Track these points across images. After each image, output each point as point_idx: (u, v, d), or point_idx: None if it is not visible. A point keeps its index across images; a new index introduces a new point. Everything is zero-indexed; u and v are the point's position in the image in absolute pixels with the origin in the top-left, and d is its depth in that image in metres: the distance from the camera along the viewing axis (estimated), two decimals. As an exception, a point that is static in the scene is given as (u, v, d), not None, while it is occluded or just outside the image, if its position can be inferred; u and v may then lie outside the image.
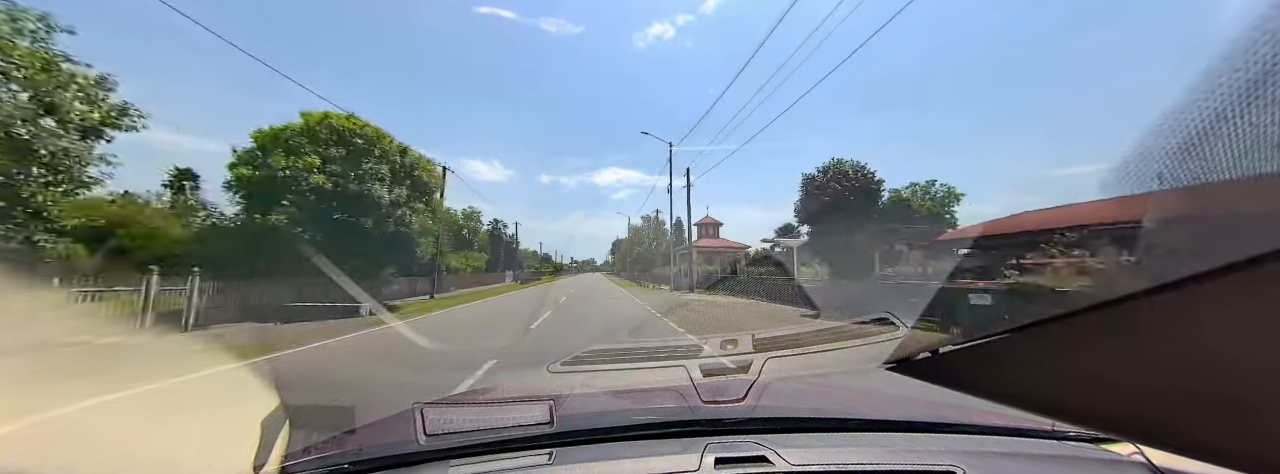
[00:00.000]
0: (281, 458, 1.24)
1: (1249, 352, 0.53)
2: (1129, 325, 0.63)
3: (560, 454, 1.18)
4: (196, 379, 5.88)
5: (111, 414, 4.03)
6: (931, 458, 1.11)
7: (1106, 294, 0.62)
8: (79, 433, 2.74)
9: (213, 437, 1.47)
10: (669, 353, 2.63)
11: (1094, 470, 1.13)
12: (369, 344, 9.37)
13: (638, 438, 1.30)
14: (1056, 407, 0.84)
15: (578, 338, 9.30)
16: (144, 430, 2.29)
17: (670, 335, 9.91)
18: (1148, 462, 1.10)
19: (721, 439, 1.24)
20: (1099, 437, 1.27)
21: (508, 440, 1.22)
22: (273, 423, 1.36)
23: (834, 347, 2.57)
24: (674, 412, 1.48)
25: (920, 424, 1.40)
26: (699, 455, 1.11)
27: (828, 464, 1.08)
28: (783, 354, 2.29)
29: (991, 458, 1.14)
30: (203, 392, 5.48)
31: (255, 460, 1.18)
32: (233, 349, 8.55)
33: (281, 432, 1.35)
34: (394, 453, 1.22)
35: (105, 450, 1.56)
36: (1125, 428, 0.80)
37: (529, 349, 8.11)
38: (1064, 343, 0.73)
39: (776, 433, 1.31)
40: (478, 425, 1.23)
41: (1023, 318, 0.77)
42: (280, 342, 9.28)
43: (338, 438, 1.42)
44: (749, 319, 12.92)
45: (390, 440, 1.35)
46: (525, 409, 1.28)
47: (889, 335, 2.48)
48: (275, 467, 1.19)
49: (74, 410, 4.09)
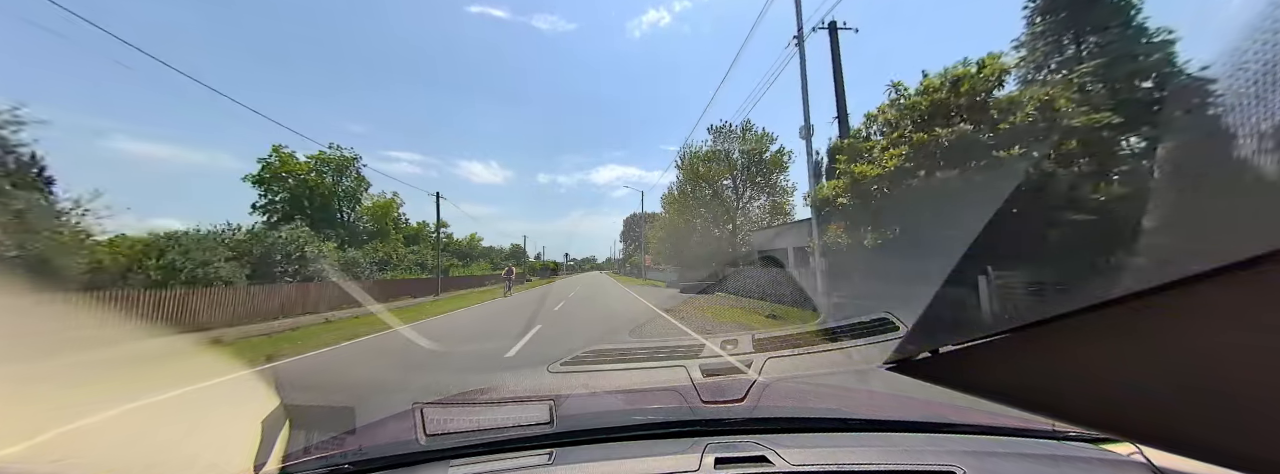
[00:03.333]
0: (281, 458, 1.24)
1: (1249, 351, 0.53)
2: (1129, 325, 0.63)
3: (560, 454, 1.18)
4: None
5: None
6: (931, 458, 1.11)
7: (1106, 294, 0.62)
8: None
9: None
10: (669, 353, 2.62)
11: (1094, 470, 1.12)
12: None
13: (638, 438, 1.30)
14: (1056, 407, 0.84)
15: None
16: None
17: (671, 335, 9.92)
18: (1148, 462, 1.10)
19: (721, 439, 1.24)
20: (1099, 437, 1.27)
21: (508, 440, 1.22)
22: (273, 423, 1.36)
23: (834, 347, 2.56)
24: (674, 412, 1.48)
25: (920, 424, 1.40)
26: (699, 455, 1.11)
27: (828, 464, 1.08)
28: (783, 354, 2.29)
29: (991, 458, 1.14)
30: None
31: (255, 460, 1.18)
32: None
33: (281, 431, 1.35)
34: (394, 453, 1.22)
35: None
36: (1125, 428, 0.80)
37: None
38: (1064, 343, 0.73)
39: (776, 433, 1.31)
40: (478, 425, 1.23)
41: (1023, 318, 0.77)
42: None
43: (338, 438, 1.42)
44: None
45: (390, 440, 1.35)
46: (525, 409, 1.28)
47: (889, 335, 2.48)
48: (275, 466, 1.19)
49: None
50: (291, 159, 33.03)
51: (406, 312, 17.77)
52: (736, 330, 9.15)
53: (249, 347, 10.08)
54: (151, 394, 5.24)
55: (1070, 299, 0.67)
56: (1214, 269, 0.48)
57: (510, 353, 7.97)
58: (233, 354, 9.20)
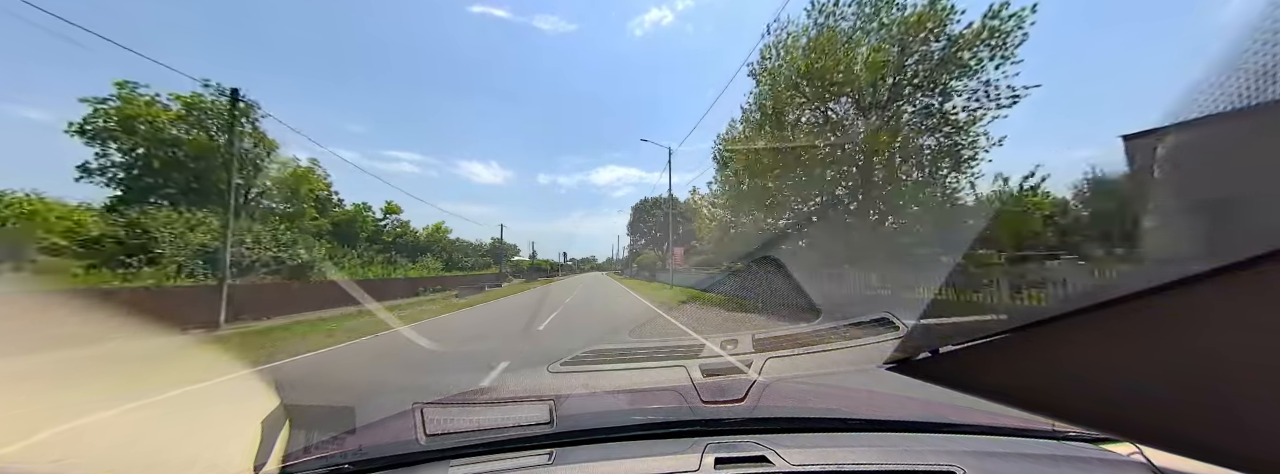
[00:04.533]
0: (281, 458, 1.24)
1: (1249, 351, 0.53)
2: (1129, 325, 0.63)
3: (560, 454, 1.18)
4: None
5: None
6: (931, 458, 1.11)
7: (1106, 294, 0.62)
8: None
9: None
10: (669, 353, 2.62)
11: (1094, 470, 1.12)
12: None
13: (638, 438, 1.30)
14: (1056, 407, 0.84)
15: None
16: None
17: (671, 335, 9.93)
18: (1148, 462, 1.10)
19: (721, 439, 1.24)
20: (1099, 437, 1.27)
21: (508, 440, 1.22)
22: (273, 423, 1.36)
23: (834, 346, 2.56)
24: (674, 412, 1.48)
25: (920, 424, 1.40)
26: (699, 455, 1.11)
27: (828, 464, 1.08)
28: (783, 354, 2.29)
29: (991, 458, 1.14)
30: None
31: (255, 460, 1.18)
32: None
33: (281, 431, 1.35)
34: (394, 453, 1.22)
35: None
36: (1125, 428, 0.80)
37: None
38: (1064, 343, 0.73)
39: (776, 433, 1.31)
40: (478, 425, 1.23)
41: (1023, 318, 0.77)
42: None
43: (338, 438, 1.42)
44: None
45: (390, 440, 1.35)
46: (525, 409, 1.28)
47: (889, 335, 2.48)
48: (275, 466, 1.19)
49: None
50: (146, 103, 22.91)
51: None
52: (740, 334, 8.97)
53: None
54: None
55: (1070, 299, 0.67)
56: (1214, 269, 0.48)
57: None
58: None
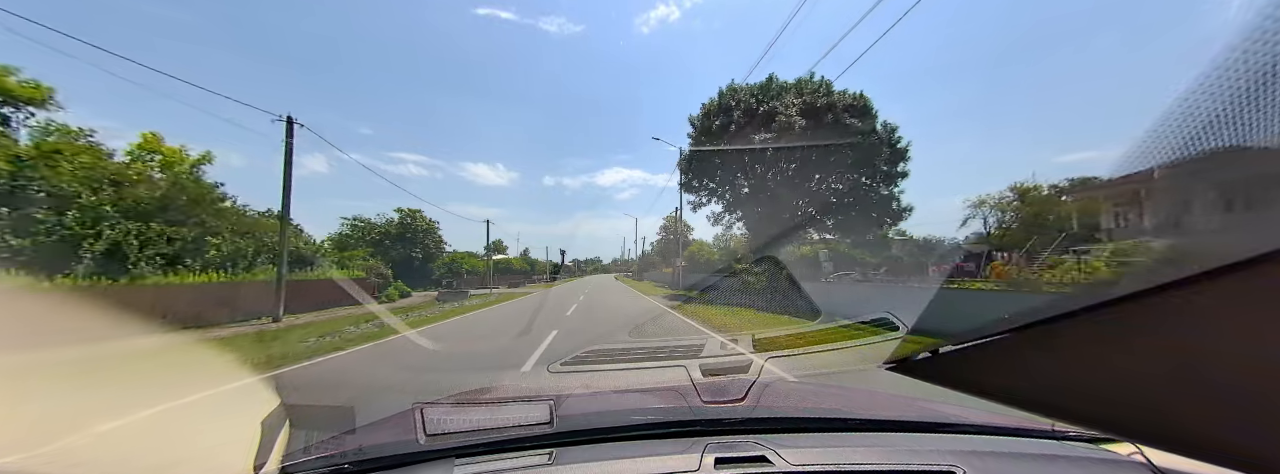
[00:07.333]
0: (281, 458, 1.24)
1: (1249, 352, 0.53)
2: (1129, 325, 0.62)
3: (561, 454, 1.18)
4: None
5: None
6: (931, 458, 1.11)
7: (1107, 294, 0.62)
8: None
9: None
10: (669, 353, 2.62)
11: (1094, 470, 1.12)
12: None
13: (638, 438, 1.30)
14: (1056, 407, 0.84)
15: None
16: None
17: (671, 335, 9.94)
18: (1148, 462, 1.10)
19: (721, 439, 1.24)
20: (1099, 437, 1.27)
21: (508, 440, 1.22)
22: (273, 423, 1.36)
23: (834, 347, 2.56)
24: (674, 412, 1.48)
25: (920, 424, 1.40)
26: (699, 455, 1.11)
27: (828, 464, 1.08)
28: (783, 354, 2.29)
29: (991, 458, 1.14)
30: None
31: (255, 460, 1.18)
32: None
33: (281, 431, 1.35)
34: (394, 453, 1.22)
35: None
36: (1125, 428, 0.80)
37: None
38: (1064, 343, 0.73)
39: (776, 433, 1.31)
40: (478, 425, 1.23)
41: (1023, 318, 0.77)
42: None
43: (338, 438, 1.42)
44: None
45: (391, 440, 1.35)
46: (526, 409, 1.28)
47: (889, 335, 2.48)
48: (275, 466, 1.19)
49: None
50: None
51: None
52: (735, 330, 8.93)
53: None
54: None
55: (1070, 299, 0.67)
56: (1213, 269, 0.48)
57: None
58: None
